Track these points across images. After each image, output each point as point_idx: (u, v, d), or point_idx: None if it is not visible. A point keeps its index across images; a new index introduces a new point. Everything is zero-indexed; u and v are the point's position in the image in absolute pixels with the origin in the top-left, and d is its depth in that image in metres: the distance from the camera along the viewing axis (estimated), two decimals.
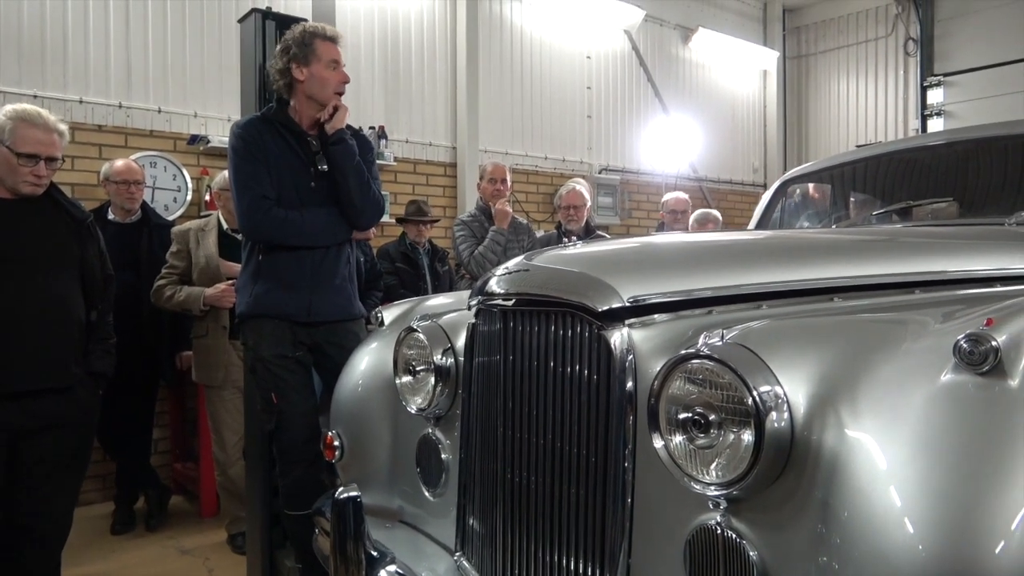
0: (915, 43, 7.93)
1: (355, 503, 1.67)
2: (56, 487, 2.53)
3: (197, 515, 4.13)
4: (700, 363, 1.15)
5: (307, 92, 2.61)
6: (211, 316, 3.56)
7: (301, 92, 2.61)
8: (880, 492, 0.96)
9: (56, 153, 2.49)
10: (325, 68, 2.60)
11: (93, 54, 4.43)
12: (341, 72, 2.66)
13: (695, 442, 1.16)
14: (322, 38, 2.61)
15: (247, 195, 2.54)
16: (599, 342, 1.36)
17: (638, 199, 7.43)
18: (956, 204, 2.57)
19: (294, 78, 2.59)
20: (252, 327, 2.63)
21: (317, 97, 2.62)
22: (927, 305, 1.39)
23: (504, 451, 1.52)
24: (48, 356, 2.45)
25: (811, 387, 1.09)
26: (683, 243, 1.88)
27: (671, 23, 7.81)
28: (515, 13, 6.55)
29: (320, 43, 2.60)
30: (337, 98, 2.66)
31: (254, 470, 2.92)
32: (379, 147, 5.44)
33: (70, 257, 2.55)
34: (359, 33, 5.56)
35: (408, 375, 1.91)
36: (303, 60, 2.57)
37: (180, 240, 3.64)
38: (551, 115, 6.79)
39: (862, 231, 2.39)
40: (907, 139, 6.49)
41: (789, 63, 8.94)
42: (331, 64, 2.62)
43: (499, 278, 1.59)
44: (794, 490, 1.07)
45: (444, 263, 4.62)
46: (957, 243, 1.90)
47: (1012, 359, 0.98)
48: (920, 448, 0.96)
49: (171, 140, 4.70)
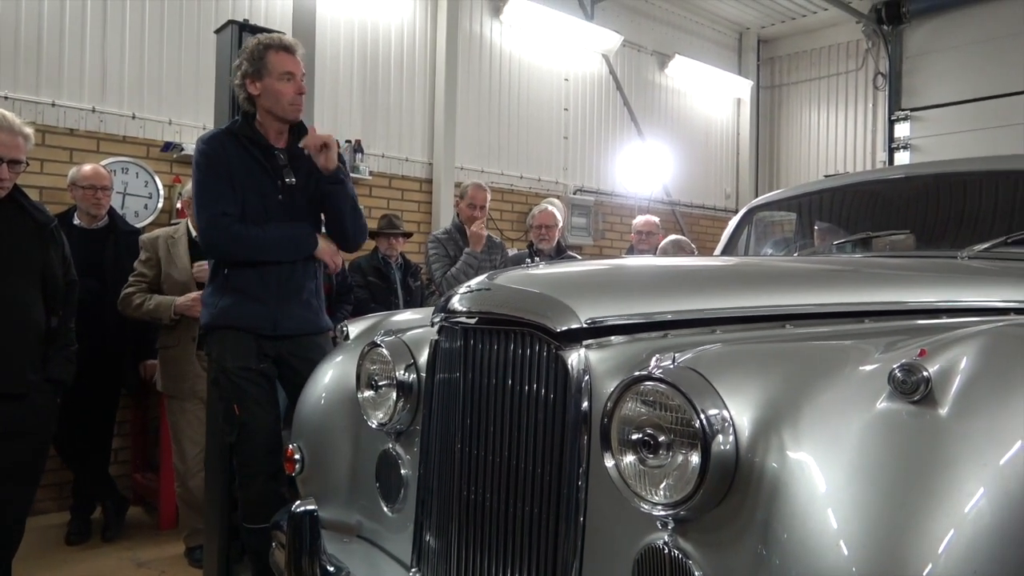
0: (884, 78, 8.16)
1: (311, 517, 1.67)
2: (8, 495, 2.48)
3: (155, 527, 4.05)
4: (652, 385, 1.18)
5: (264, 106, 2.60)
6: (181, 326, 3.52)
7: (260, 106, 2.61)
8: (817, 514, 0.99)
9: (20, 156, 2.47)
10: (278, 81, 2.56)
11: (68, 57, 4.40)
12: (296, 83, 2.60)
13: (645, 463, 1.19)
14: (276, 49, 2.57)
15: (206, 212, 2.54)
16: (556, 362, 1.38)
17: (611, 220, 7.52)
18: (913, 236, 2.64)
19: (249, 93, 2.58)
20: (216, 338, 2.61)
21: (274, 111, 2.60)
22: (873, 335, 1.44)
23: (461, 468, 1.53)
24: (1, 361, 2.41)
25: (756, 411, 1.12)
26: (644, 267, 1.91)
27: (648, 49, 7.96)
28: (495, 32, 6.63)
29: (273, 55, 2.56)
30: (328, 136, 2.60)
31: (214, 482, 2.89)
32: (355, 161, 5.45)
33: (32, 261, 2.52)
34: (339, 46, 5.59)
35: (370, 390, 1.92)
36: (255, 75, 2.56)
37: (149, 248, 3.61)
38: (528, 135, 6.87)
39: (820, 260, 2.45)
40: (870, 171, 6.66)
41: (762, 92, 9.14)
42: (284, 76, 2.57)
43: (461, 296, 1.61)
44: (738, 511, 1.10)
45: (416, 278, 4.63)
46: (909, 275, 1.96)
47: (942, 388, 1.02)
48: (856, 472, 1.00)
49: (144, 146, 4.67)
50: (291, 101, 2.60)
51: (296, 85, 2.60)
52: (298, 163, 2.68)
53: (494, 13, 6.59)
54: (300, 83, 2.61)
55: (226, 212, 2.53)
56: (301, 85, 2.62)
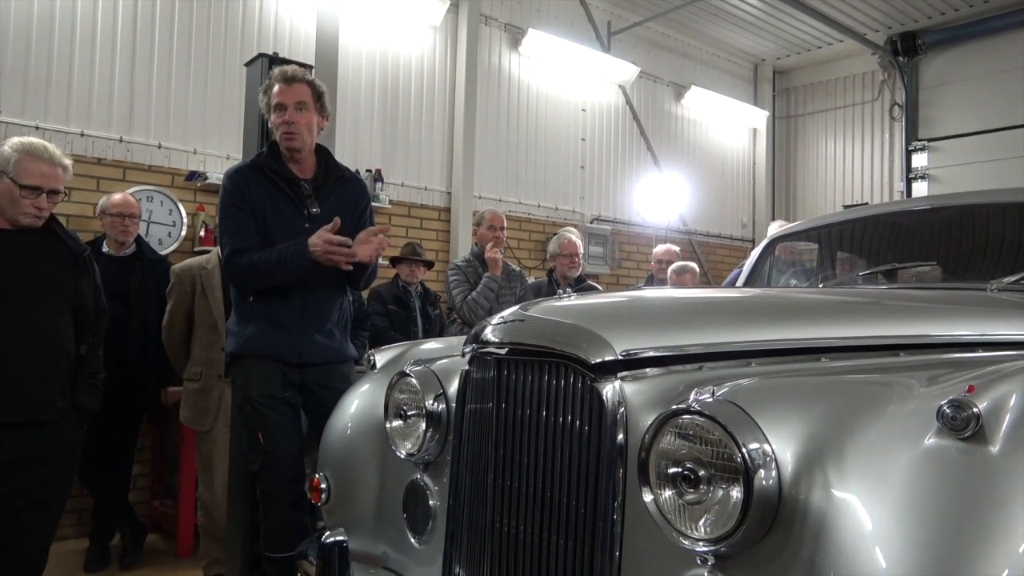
0: (900, 108, 8.17)
1: (341, 548, 1.66)
2: (32, 523, 2.47)
3: (173, 554, 4.04)
4: (691, 419, 1.18)
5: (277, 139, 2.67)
6: (205, 360, 3.54)
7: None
8: (865, 553, 0.98)
9: (59, 186, 2.52)
10: (274, 112, 2.63)
11: (97, 88, 4.49)
12: (290, 114, 2.58)
13: (684, 497, 1.18)
14: (275, 81, 2.64)
15: (225, 248, 2.61)
16: (591, 394, 1.38)
17: (628, 249, 7.52)
18: (940, 268, 2.63)
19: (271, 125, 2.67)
20: (242, 367, 2.63)
21: (280, 142, 2.65)
22: (912, 368, 1.43)
23: (493, 499, 1.52)
24: (31, 388, 2.43)
25: (799, 446, 1.11)
26: (676, 298, 1.91)
27: (664, 80, 8.03)
28: (513, 64, 6.72)
29: (275, 87, 2.63)
30: (379, 239, 2.60)
31: (236, 511, 2.89)
32: (375, 190, 5.51)
33: (63, 289, 2.55)
34: (360, 77, 5.68)
35: (399, 419, 1.92)
36: (268, 108, 2.66)
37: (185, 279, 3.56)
38: (545, 164, 6.91)
39: (848, 292, 2.44)
40: (893, 203, 6.64)
41: (778, 123, 9.17)
42: (277, 108, 2.61)
43: (494, 327, 1.62)
44: (781, 548, 1.09)
45: (436, 307, 4.64)
46: (941, 308, 1.95)
47: (992, 425, 1.01)
48: (904, 510, 0.99)
49: (169, 175, 4.74)
50: (283, 131, 2.62)
51: (288, 114, 2.60)
52: (322, 193, 2.72)
53: (513, 45, 6.68)
54: (293, 113, 2.60)
55: (243, 248, 2.57)
56: (291, 115, 2.60)
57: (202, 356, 3.54)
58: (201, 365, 3.55)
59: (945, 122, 7.93)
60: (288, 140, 2.63)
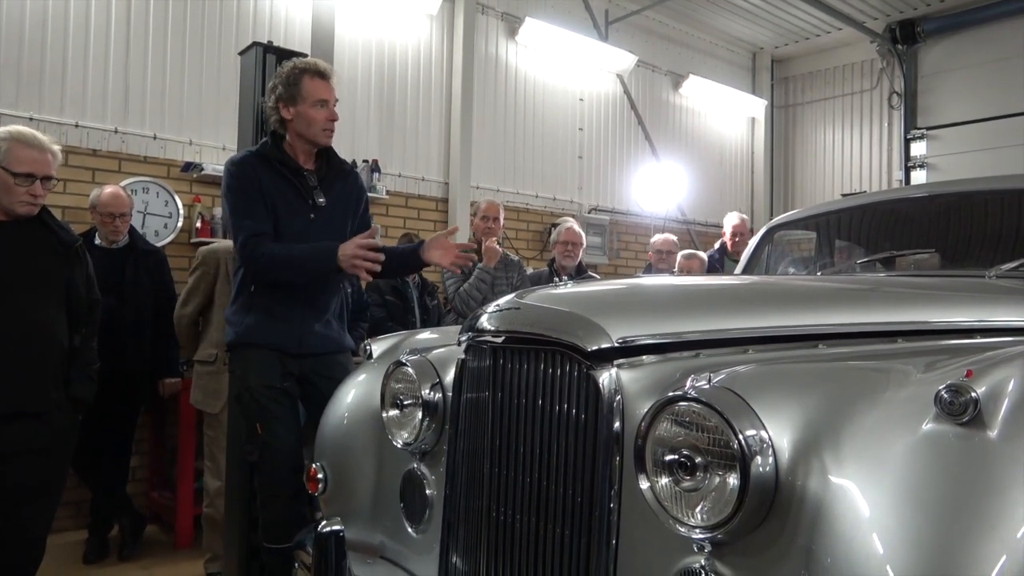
0: (899, 97, 8.14)
1: (338, 537, 1.66)
2: (29, 514, 2.48)
3: (171, 546, 4.04)
4: (687, 405, 1.17)
5: (296, 130, 2.63)
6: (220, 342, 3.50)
7: (292, 130, 2.64)
8: (862, 539, 0.97)
9: (51, 172, 2.50)
10: (311, 107, 2.59)
11: (91, 79, 4.46)
12: (330, 110, 2.63)
13: (681, 484, 1.17)
14: (311, 74, 2.60)
15: (242, 233, 2.55)
16: (587, 381, 1.37)
17: (626, 239, 7.51)
18: (938, 255, 2.62)
19: (282, 116, 2.61)
20: (241, 356, 2.62)
21: (305, 135, 2.63)
22: (909, 355, 1.42)
23: (490, 488, 1.52)
24: (24, 380, 2.42)
25: (796, 433, 1.11)
26: (672, 286, 1.91)
27: (662, 69, 7.99)
28: (511, 53, 6.68)
29: (308, 80, 2.59)
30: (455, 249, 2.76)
31: (234, 501, 2.89)
32: (372, 180, 5.48)
33: (55, 280, 2.54)
34: (356, 67, 5.64)
35: (395, 409, 1.91)
36: (289, 100, 2.59)
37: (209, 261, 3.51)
38: (543, 154, 6.89)
39: (846, 279, 2.43)
40: (891, 190, 6.63)
41: (776, 112, 9.14)
42: (318, 103, 2.60)
43: (490, 315, 1.61)
44: (778, 535, 1.08)
45: (433, 297, 4.63)
46: (939, 294, 1.94)
47: (991, 410, 1.00)
48: (902, 496, 0.98)
49: (165, 167, 4.72)
50: (324, 127, 2.63)
51: (329, 112, 2.63)
52: (327, 184, 2.71)
53: (510, 34, 6.64)
54: (333, 110, 2.64)
55: (261, 232, 2.54)
56: (334, 112, 2.65)
57: (218, 338, 3.50)
58: (216, 347, 3.51)
59: (944, 110, 7.90)
60: (328, 136, 2.65)
